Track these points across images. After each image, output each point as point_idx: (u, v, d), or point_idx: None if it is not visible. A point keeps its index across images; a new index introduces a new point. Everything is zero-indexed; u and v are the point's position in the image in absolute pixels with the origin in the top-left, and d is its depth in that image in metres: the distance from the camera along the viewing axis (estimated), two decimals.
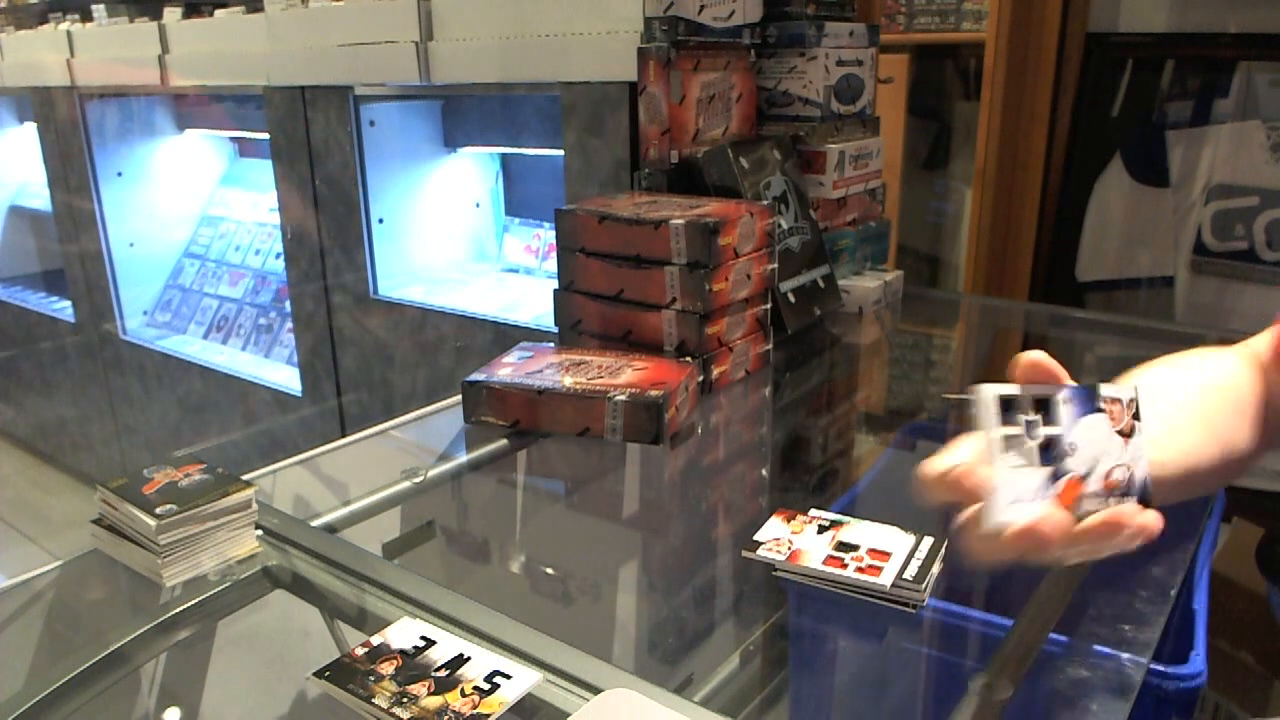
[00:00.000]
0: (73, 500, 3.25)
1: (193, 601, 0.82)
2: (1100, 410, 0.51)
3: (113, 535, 0.85)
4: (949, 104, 2.41)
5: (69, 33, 2.79)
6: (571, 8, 1.62)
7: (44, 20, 3.12)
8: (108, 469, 3.18)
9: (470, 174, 2.36)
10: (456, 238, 2.37)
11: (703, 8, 1.38)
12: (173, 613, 0.81)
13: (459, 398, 1.19)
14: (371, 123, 2.08)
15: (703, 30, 1.39)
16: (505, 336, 1.89)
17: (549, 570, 1.20)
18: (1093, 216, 1.82)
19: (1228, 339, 1.44)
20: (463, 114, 2.25)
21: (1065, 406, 0.51)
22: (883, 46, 1.63)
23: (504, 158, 2.37)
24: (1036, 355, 0.50)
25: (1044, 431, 0.50)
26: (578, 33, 1.62)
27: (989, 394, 0.50)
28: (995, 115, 1.85)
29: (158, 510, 0.81)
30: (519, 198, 2.37)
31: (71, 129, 2.83)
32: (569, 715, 0.63)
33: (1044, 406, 0.50)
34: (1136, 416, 0.51)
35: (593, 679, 0.67)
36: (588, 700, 0.65)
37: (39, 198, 3.36)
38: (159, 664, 0.85)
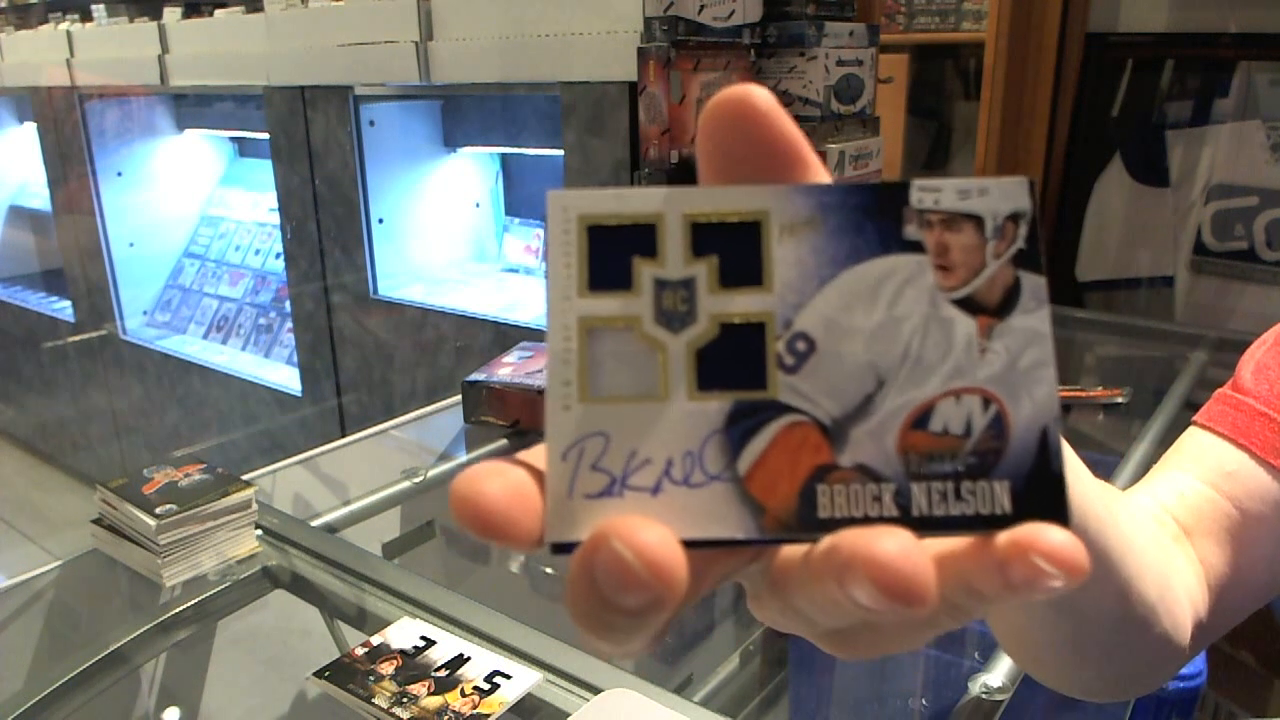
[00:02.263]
0: (73, 500, 3.25)
1: (193, 601, 0.82)
2: (913, 246, 0.21)
3: (113, 535, 0.85)
4: (949, 104, 2.41)
5: (69, 33, 2.79)
6: (571, 8, 1.62)
7: (44, 20, 3.12)
8: (108, 469, 3.18)
9: (470, 174, 2.36)
10: (456, 238, 2.37)
11: (703, 8, 1.38)
12: (173, 613, 0.81)
13: (459, 398, 1.19)
14: (371, 123, 2.08)
15: (703, 30, 1.39)
16: (505, 336, 1.89)
17: (549, 570, 1.20)
18: (1093, 216, 1.82)
19: (1227, 339, 1.45)
20: (463, 114, 2.25)
21: (791, 238, 0.21)
22: (883, 46, 1.63)
23: (504, 158, 2.37)
24: (746, 92, 0.21)
25: (714, 305, 0.20)
26: (578, 33, 1.62)
27: (569, 212, 0.21)
28: (995, 115, 1.85)
29: (158, 510, 0.81)
30: (519, 198, 2.37)
31: (71, 129, 2.83)
32: (569, 715, 0.63)
33: (722, 239, 0.21)
34: (1029, 262, 0.21)
35: (593, 679, 0.67)
36: (588, 700, 0.65)
37: (39, 198, 3.35)
38: (159, 664, 0.85)
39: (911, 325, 0.20)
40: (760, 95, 0.21)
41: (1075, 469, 0.31)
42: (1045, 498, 0.20)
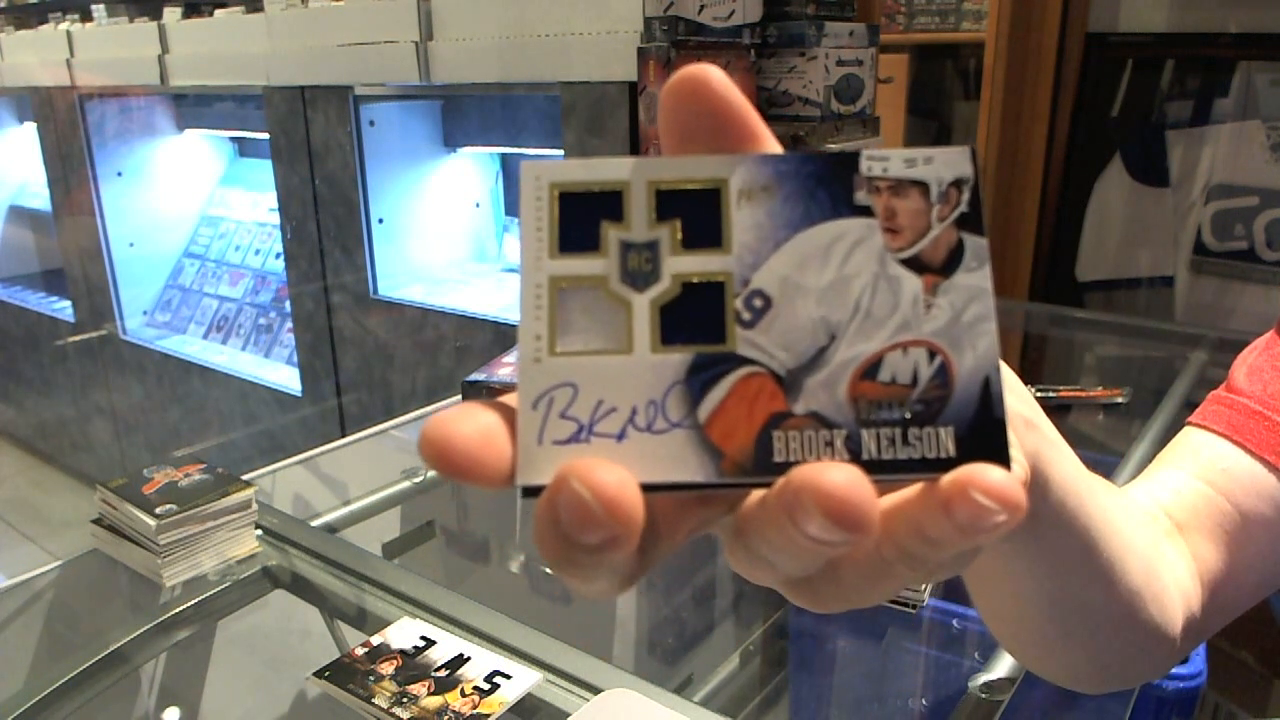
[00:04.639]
0: (73, 500, 3.25)
1: (193, 601, 0.82)
2: (862, 210, 0.22)
3: (113, 535, 0.85)
4: (949, 104, 2.41)
5: (69, 33, 2.79)
6: (571, 8, 1.62)
7: (44, 20, 3.12)
8: (108, 469, 3.18)
9: (470, 174, 2.36)
10: (456, 238, 2.37)
11: (703, 8, 1.38)
12: (173, 613, 0.81)
13: (459, 398, 1.19)
14: (371, 123, 2.08)
15: (703, 30, 1.39)
16: (505, 336, 1.89)
17: (549, 570, 1.20)
18: (1093, 216, 1.82)
19: (1227, 339, 1.45)
20: (463, 114, 2.25)
21: (749, 203, 0.22)
22: (883, 46, 1.63)
23: (504, 158, 2.37)
24: (701, 70, 0.23)
25: (676, 265, 0.22)
26: (578, 33, 1.62)
27: (541, 180, 0.23)
28: (995, 115, 1.85)
29: (158, 510, 0.81)
30: (519, 198, 2.37)
31: (71, 129, 2.83)
32: (569, 715, 0.63)
33: (684, 205, 0.22)
34: (971, 225, 0.22)
35: (593, 679, 0.67)
36: (588, 700, 0.65)
37: (39, 198, 3.35)
38: (159, 664, 0.85)
39: (861, 283, 0.21)
40: (714, 73, 0.23)
41: (1059, 449, 0.31)
42: (987, 442, 0.21)
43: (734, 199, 0.22)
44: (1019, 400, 0.30)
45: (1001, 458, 0.20)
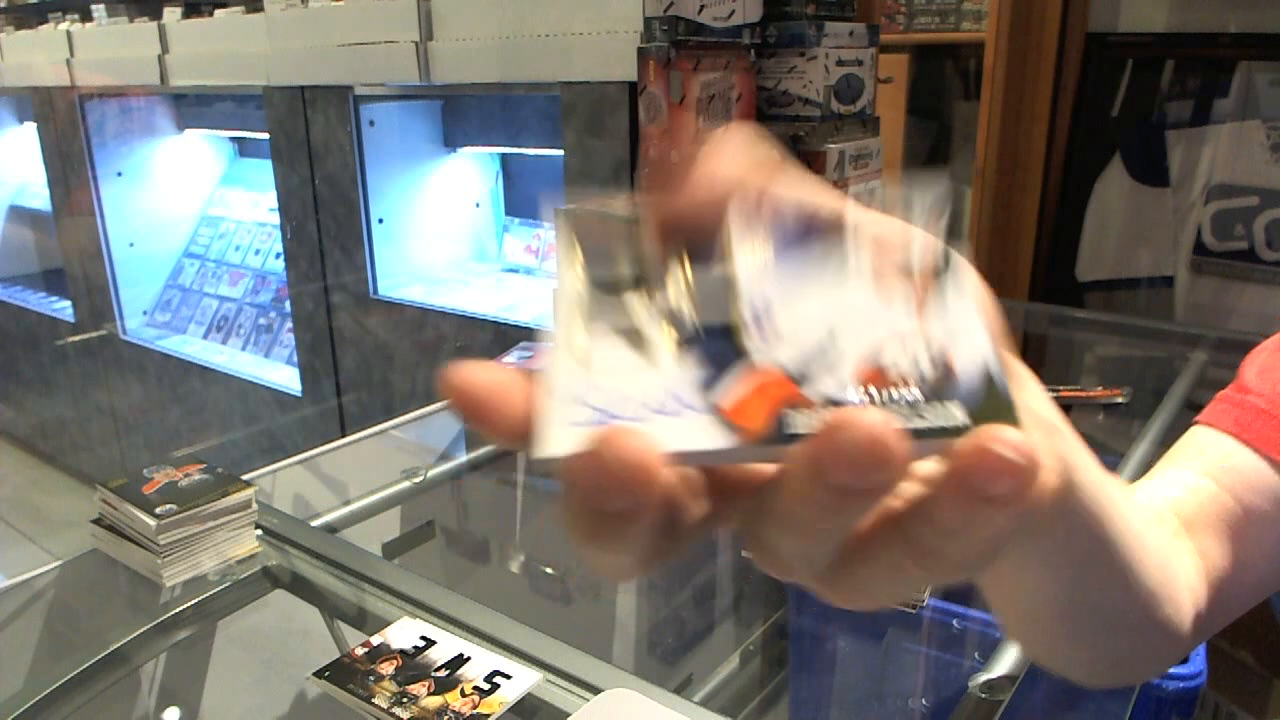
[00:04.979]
0: (73, 500, 3.25)
1: (193, 601, 0.82)
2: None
3: (113, 535, 0.85)
4: (949, 104, 2.41)
5: (69, 33, 2.79)
6: (571, 8, 1.62)
7: (44, 20, 3.12)
8: (108, 469, 3.18)
9: (470, 174, 2.36)
10: (456, 238, 2.36)
11: (703, 8, 1.38)
12: (173, 613, 0.81)
13: None
14: (371, 123, 2.08)
15: (703, 30, 1.39)
16: (505, 336, 1.89)
17: (549, 570, 1.20)
18: (1093, 216, 1.82)
19: (1227, 339, 1.45)
20: (463, 114, 2.25)
21: (749, 232, 0.24)
22: (883, 46, 1.63)
23: (504, 158, 2.37)
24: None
25: (688, 277, 0.24)
26: (578, 33, 1.62)
27: (566, 217, 0.26)
28: (995, 115, 1.85)
29: (158, 510, 0.81)
30: (519, 198, 2.37)
31: (71, 129, 2.82)
32: (569, 715, 0.63)
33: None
34: (953, 234, 0.25)
35: (593, 679, 0.67)
36: (588, 700, 0.65)
37: (39, 198, 3.35)
38: (159, 664, 0.85)
39: (858, 285, 0.24)
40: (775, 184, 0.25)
41: (1082, 453, 0.32)
42: (996, 417, 0.22)
43: (735, 233, 0.24)
44: (1042, 405, 0.30)
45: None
